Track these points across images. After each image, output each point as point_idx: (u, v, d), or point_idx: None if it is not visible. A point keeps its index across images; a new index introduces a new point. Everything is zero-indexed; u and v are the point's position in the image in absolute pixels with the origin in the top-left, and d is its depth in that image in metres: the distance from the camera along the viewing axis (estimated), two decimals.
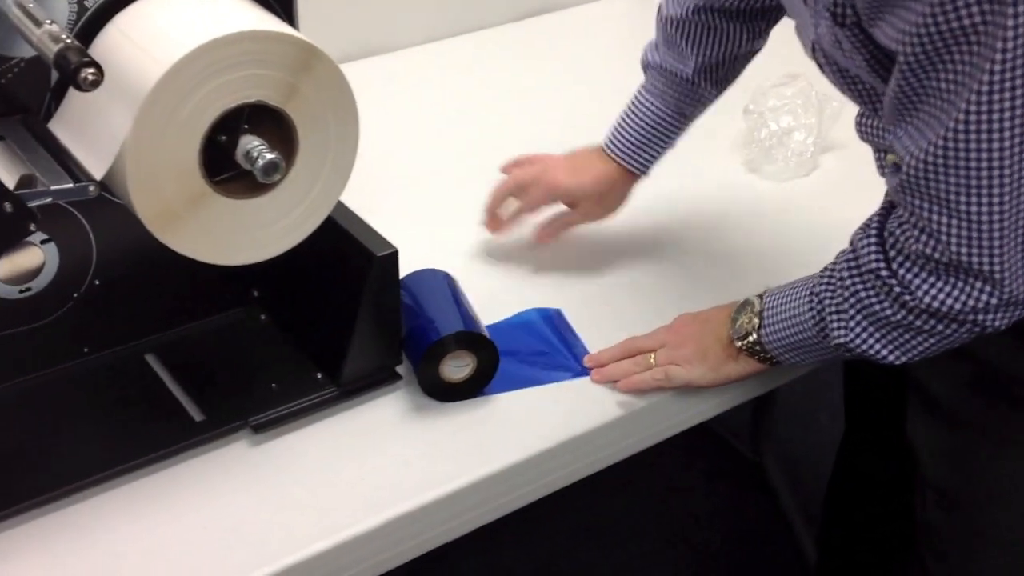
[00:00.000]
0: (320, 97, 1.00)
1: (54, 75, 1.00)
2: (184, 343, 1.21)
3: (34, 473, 1.05)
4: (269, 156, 0.97)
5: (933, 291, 0.96)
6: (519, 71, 1.88)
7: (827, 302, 1.04)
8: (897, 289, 0.97)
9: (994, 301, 0.94)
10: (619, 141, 1.33)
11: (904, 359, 1.02)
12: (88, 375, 1.16)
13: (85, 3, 0.99)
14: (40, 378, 1.14)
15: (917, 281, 0.96)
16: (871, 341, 1.02)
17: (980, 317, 0.95)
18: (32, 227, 0.88)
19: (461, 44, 1.96)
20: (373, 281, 1.10)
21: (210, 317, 1.24)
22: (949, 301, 0.95)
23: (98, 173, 0.94)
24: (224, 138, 0.98)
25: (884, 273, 0.98)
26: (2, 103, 0.98)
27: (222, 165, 0.99)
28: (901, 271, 0.97)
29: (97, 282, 1.13)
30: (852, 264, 1.02)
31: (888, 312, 0.99)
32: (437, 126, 1.71)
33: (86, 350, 1.17)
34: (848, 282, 1.02)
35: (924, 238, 0.94)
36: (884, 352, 1.02)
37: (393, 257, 1.10)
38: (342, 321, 1.13)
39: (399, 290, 1.14)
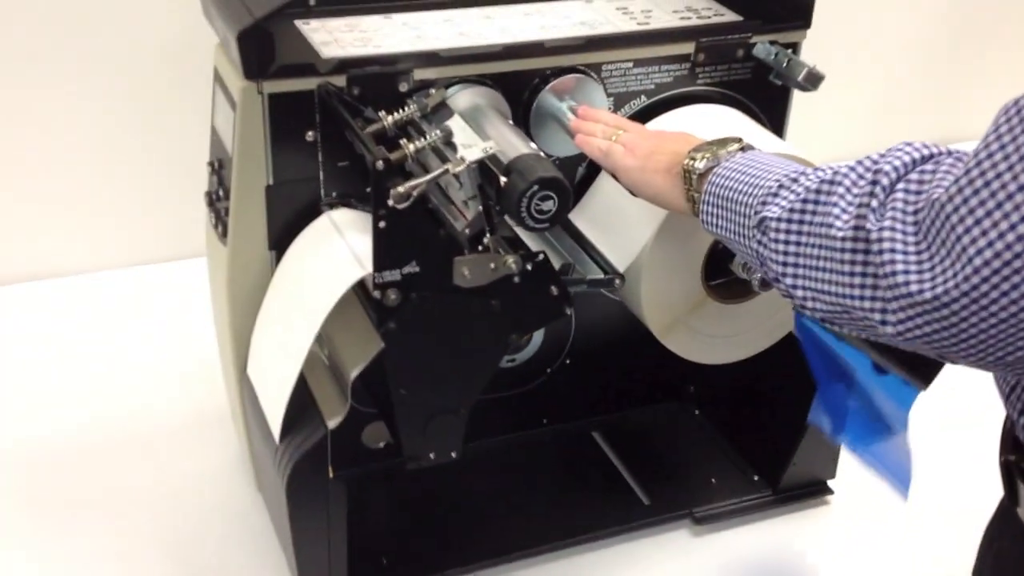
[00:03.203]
0: None
1: (579, 170, 1.10)
2: (625, 426, 1.29)
3: (496, 530, 1.14)
4: None
5: (899, 247, 0.69)
6: None
7: (792, 183, 0.80)
8: (875, 202, 0.72)
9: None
10: None
11: (799, 293, 0.78)
12: (544, 444, 1.26)
13: (618, 113, 1.10)
14: (503, 441, 1.24)
15: (898, 227, 0.70)
16: (787, 236, 0.78)
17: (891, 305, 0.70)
18: (568, 310, 0.97)
19: None
20: None
21: (648, 405, 1.32)
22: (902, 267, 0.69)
23: (620, 268, 1.03)
24: (721, 247, 1.05)
25: (879, 187, 0.72)
26: None
27: (716, 272, 1.06)
28: (895, 205, 0.71)
29: (568, 361, 1.22)
30: (871, 163, 0.75)
31: (836, 225, 0.73)
32: None
33: (545, 421, 1.27)
34: (833, 175, 0.77)
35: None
36: (783, 272, 0.79)
37: None
38: (787, 429, 1.18)
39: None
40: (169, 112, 1.56)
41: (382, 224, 0.86)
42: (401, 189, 0.85)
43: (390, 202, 0.85)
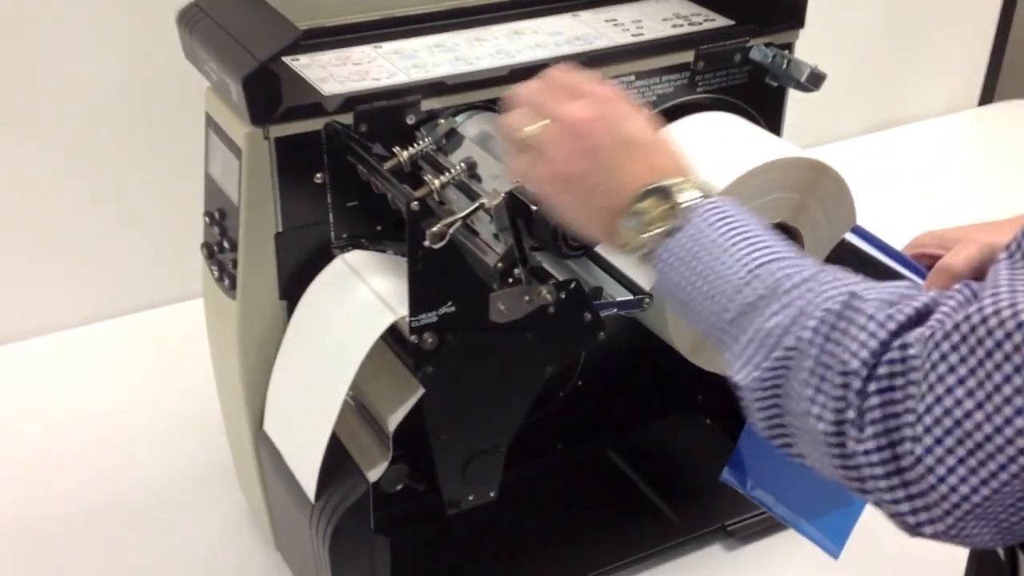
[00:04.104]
0: (823, 207, 1.05)
1: None
2: (640, 443, 1.27)
3: (531, 567, 1.11)
4: None
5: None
6: None
7: (751, 312, 0.67)
8: (851, 412, 0.61)
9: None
10: None
11: (795, 452, 0.67)
12: (561, 469, 1.23)
13: None
14: (521, 471, 1.20)
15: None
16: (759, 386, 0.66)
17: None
18: (601, 335, 0.94)
19: None
20: None
21: (658, 419, 1.30)
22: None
23: (646, 287, 1.00)
24: None
25: (851, 391, 0.61)
26: None
27: None
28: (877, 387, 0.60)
29: (580, 382, 1.20)
30: (836, 321, 0.63)
31: (814, 412, 0.63)
32: None
33: (559, 445, 1.24)
34: (810, 324, 0.63)
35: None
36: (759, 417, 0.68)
37: None
38: None
39: None
40: (129, 158, 1.50)
41: (419, 266, 0.83)
42: (435, 229, 0.82)
43: (427, 243, 0.82)
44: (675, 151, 0.75)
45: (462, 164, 0.88)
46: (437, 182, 0.87)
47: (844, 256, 0.98)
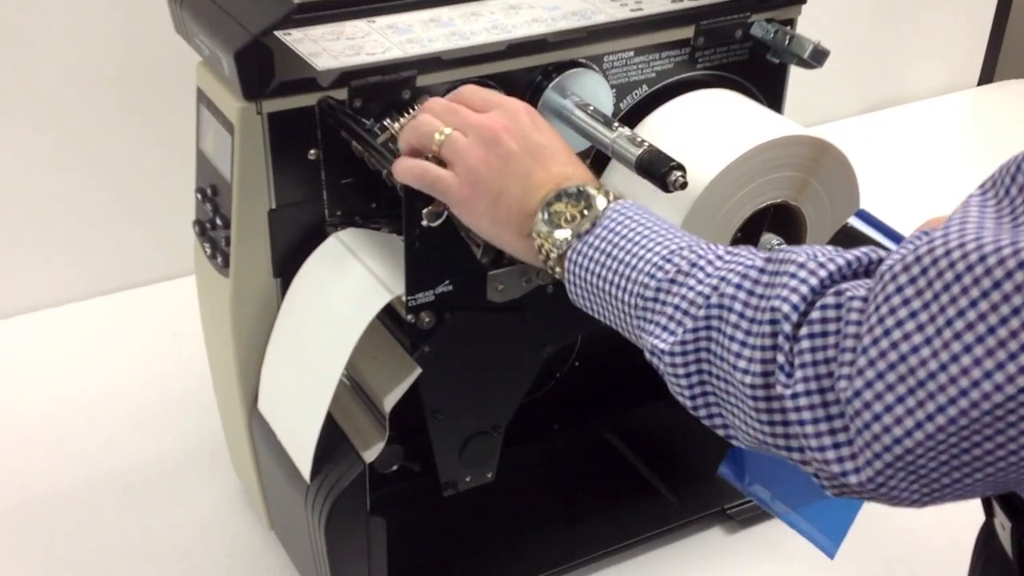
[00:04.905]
0: (827, 187, 1.03)
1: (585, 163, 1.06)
2: (637, 425, 1.26)
3: (531, 548, 1.10)
4: None
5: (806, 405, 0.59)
6: None
7: (672, 287, 0.67)
8: (781, 357, 0.60)
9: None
10: None
11: (718, 423, 0.68)
12: (558, 451, 1.21)
13: (620, 104, 1.06)
14: (518, 451, 1.19)
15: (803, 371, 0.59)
16: (682, 367, 0.66)
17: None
18: None
19: None
20: None
21: (657, 401, 1.28)
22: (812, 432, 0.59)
23: None
24: (740, 235, 1.02)
25: (781, 336, 0.60)
26: None
27: None
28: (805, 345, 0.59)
29: (577, 363, 1.18)
30: (759, 275, 0.64)
31: (740, 366, 0.62)
32: None
33: (556, 427, 1.22)
34: (728, 291, 0.64)
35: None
36: (685, 395, 0.68)
37: None
38: None
39: None
40: (117, 133, 1.48)
41: (417, 245, 0.81)
42: (432, 207, 0.80)
43: (424, 222, 0.80)
44: (580, 162, 0.78)
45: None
46: (430, 155, 0.85)
47: (847, 240, 0.97)
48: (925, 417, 0.53)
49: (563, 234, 0.73)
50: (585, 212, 0.73)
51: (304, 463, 0.91)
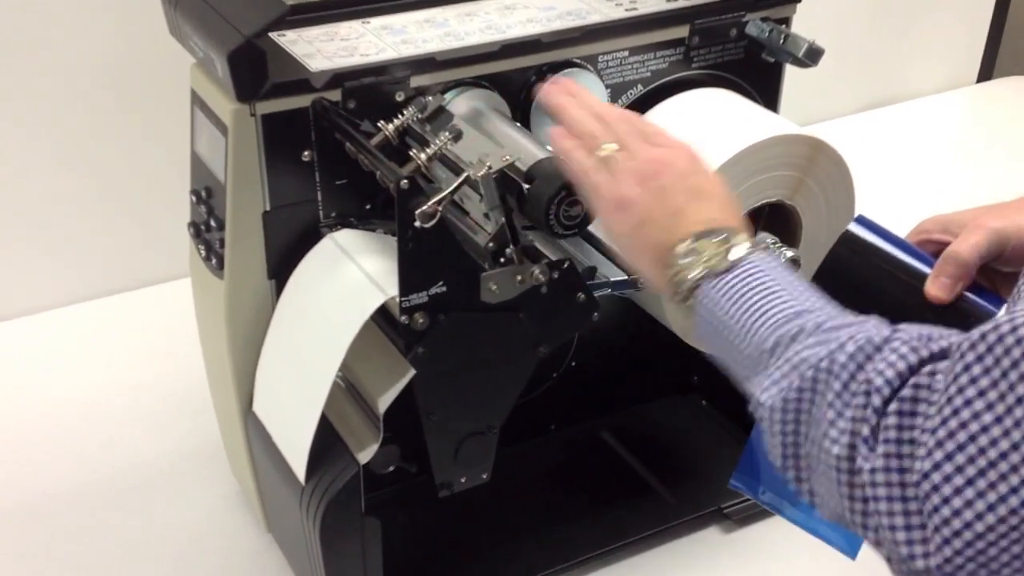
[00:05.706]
0: (822, 186, 1.03)
1: None
2: (633, 424, 1.26)
3: (527, 548, 1.10)
4: (789, 254, 1.00)
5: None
6: None
7: (798, 347, 0.67)
8: (866, 429, 0.60)
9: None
10: None
11: (804, 489, 0.68)
12: (555, 451, 1.21)
13: (615, 104, 1.06)
14: (514, 452, 1.19)
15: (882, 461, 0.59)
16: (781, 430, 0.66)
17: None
18: (595, 316, 0.93)
19: None
20: None
21: (653, 401, 1.28)
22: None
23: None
24: None
25: (871, 408, 0.60)
26: None
27: None
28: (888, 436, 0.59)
29: (573, 363, 1.18)
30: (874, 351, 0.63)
31: (831, 435, 0.62)
32: None
33: (552, 427, 1.22)
34: (831, 368, 0.64)
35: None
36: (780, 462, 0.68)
37: None
38: None
39: None
40: (114, 135, 1.48)
41: (410, 246, 0.81)
42: (425, 208, 0.80)
43: (417, 223, 0.80)
44: (733, 209, 0.78)
45: (446, 133, 0.86)
46: (423, 155, 0.85)
47: (849, 247, 0.96)
48: (997, 499, 0.52)
49: (700, 271, 0.74)
50: (727, 254, 0.73)
51: (299, 464, 0.91)
